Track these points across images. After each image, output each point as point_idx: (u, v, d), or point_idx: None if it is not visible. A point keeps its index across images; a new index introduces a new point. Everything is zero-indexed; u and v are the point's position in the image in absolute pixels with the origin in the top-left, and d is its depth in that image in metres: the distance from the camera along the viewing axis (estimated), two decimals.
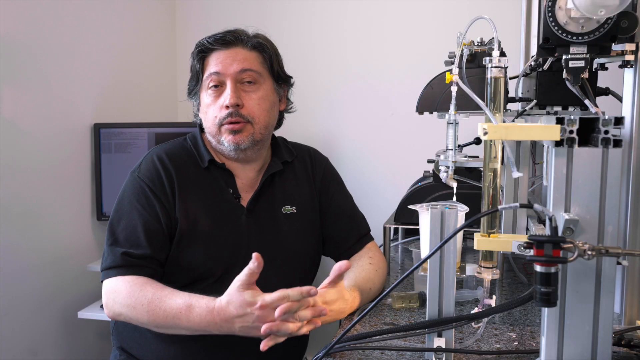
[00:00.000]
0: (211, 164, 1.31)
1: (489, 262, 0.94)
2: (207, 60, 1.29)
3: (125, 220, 1.24)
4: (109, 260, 1.22)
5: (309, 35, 2.40)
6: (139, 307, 1.14)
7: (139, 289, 1.16)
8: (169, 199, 1.25)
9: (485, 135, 0.79)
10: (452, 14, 2.23)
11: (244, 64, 1.27)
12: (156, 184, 1.26)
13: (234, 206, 1.30)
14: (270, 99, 1.32)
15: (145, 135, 2.11)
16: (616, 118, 0.76)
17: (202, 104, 1.31)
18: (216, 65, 1.27)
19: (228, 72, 1.26)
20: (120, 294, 1.17)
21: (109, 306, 1.20)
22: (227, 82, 1.27)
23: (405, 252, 1.72)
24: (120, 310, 1.17)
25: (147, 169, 1.28)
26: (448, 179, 1.05)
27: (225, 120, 1.26)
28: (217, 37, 1.29)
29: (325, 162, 1.47)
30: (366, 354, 1.00)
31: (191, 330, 1.11)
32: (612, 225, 0.78)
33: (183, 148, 1.34)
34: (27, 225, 1.82)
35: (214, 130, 1.28)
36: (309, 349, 1.43)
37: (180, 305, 1.10)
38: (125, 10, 2.27)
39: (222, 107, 1.26)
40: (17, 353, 1.78)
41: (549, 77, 1.19)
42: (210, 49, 1.29)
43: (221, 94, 1.27)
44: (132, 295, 1.15)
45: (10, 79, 1.74)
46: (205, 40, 1.29)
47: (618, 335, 0.95)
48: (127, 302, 1.15)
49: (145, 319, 1.14)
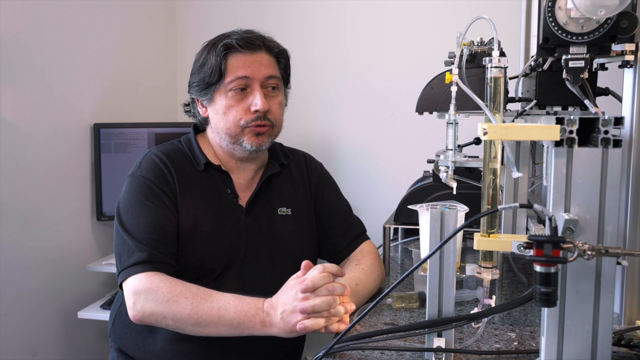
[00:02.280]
0: (207, 166, 1.32)
1: (489, 262, 0.94)
2: (232, 61, 1.28)
3: (140, 218, 1.22)
4: (133, 257, 1.18)
5: (309, 35, 2.40)
6: (182, 300, 1.12)
7: (181, 283, 1.15)
8: (173, 197, 1.25)
9: (485, 135, 0.79)
10: (452, 14, 2.23)
11: (270, 71, 1.29)
12: (161, 180, 1.26)
13: (233, 206, 1.31)
14: (284, 104, 1.37)
15: (145, 135, 2.11)
16: (616, 118, 0.76)
17: (218, 105, 1.29)
18: (244, 69, 1.27)
19: (257, 77, 1.27)
20: (159, 290, 1.14)
21: (137, 306, 1.15)
22: (254, 86, 1.27)
23: (405, 252, 1.72)
24: (154, 308, 1.13)
25: (149, 167, 1.28)
26: (448, 179, 1.05)
27: (252, 123, 1.27)
28: (245, 39, 1.28)
29: (320, 167, 1.50)
30: (366, 354, 1.00)
31: (230, 326, 1.11)
32: (611, 225, 0.78)
33: (179, 150, 1.34)
34: (27, 225, 1.82)
35: (234, 132, 1.28)
36: (309, 349, 1.43)
37: (228, 298, 1.13)
38: (125, 10, 2.27)
39: (249, 110, 1.27)
40: (17, 353, 1.78)
41: (548, 77, 1.19)
42: (236, 50, 1.28)
43: (245, 96, 1.28)
44: (174, 289, 1.13)
45: (10, 79, 1.74)
46: (233, 40, 1.28)
47: (618, 335, 0.95)
48: (167, 297, 1.13)
49: (187, 312, 1.11)
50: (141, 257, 1.17)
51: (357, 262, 1.35)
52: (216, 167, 1.32)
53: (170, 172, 1.27)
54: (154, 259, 1.18)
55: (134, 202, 1.24)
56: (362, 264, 1.34)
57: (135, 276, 1.17)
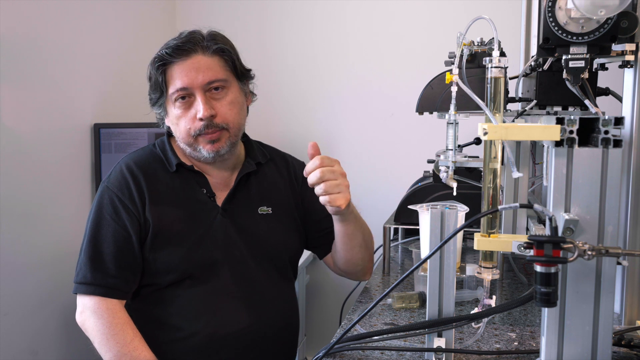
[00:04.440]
0: (180, 167, 1.30)
1: (489, 262, 0.94)
2: (170, 72, 1.25)
3: (98, 232, 1.25)
4: (83, 274, 1.24)
5: (309, 35, 2.40)
6: (112, 343, 1.18)
7: (121, 328, 1.19)
8: (138, 208, 1.25)
9: (485, 135, 0.79)
10: (452, 14, 2.23)
11: (209, 75, 1.24)
12: (125, 193, 1.26)
13: (208, 206, 1.30)
14: (239, 100, 1.31)
15: (145, 135, 2.11)
16: (616, 118, 0.76)
17: (171, 115, 1.29)
18: (181, 79, 1.23)
19: (195, 85, 1.23)
20: (101, 320, 1.20)
21: (81, 317, 1.24)
22: (196, 93, 1.24)
23: (405, 252, 1.72)
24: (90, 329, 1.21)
25: (115, 178, 1.28)
26: (448, 179, 1.05)
27: (200, 132, 1.25)
28: (175, 46, 1.24)
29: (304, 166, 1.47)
30: (366, 354, 1.00)
31: None
32: (612, 225, 0.78)
33: (152, 154, 1.33)
34: (27, 225, 1.82)
35: (189, 141, 1.27)
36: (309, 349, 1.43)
37: None
38: (125, 10, 2.27)
39: (195, 119, 1.24)
40: (17, 352, 1.78)
41: (549, 77, 1.19)
42: (170, 60, 1.24)
43: (191, 105, 1.25)
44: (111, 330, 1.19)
45: (10, 79, 1.74)
46: (163, 51, 1.24)
47: (618, 335, 0.96)
48: (102, 332, 1.19)
49: (107, 357, 1.18)
50: (90, 278, 1.23)
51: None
52: (189, 167, 1.31)
53: (137, 183, 1.27)
54: (102, 283, 1.22)
55: (98, 214, 1.27)
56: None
57: (80, 296, 1.24)
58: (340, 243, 1.33)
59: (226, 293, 1.24)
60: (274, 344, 1.29)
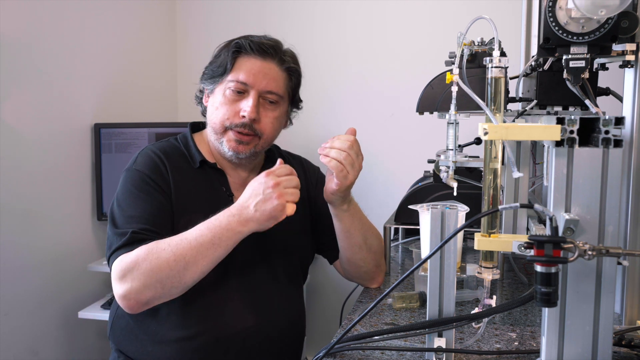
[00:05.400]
0: (203, 164, 1.32)
1: (490, 262, 0.94)
2: (240, 61, 1.27)
3: (131, 210, 1.22)
4: (116, 243, 1.17)
5: (309, 35, 2.40)
6: (162, 253, 1.12)
7: (154, 242, 1.14)
8: (168, 191, 1.25)
9: (485, 135, 0.79)
10: (452, 14, 2.23)
11: (272, 85, 1.28)
12: (157, 173, 1.25)
13: (228, 204, 1.30)
14: (282, 120, 1.35)
15: (145, 135, 2.11)
16: (616, 118, 0.76)
17: (216, 98, 1.30)
18: (247, 75, 1.26)
19: (255, 85, 1.26)
20: (138, 259, 1.13)
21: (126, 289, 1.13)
22: (251, 94, 1.26)
23: (405, 252, 1.72)
24: (143, 280, 1.12)
25: (145, 162, 1.27)
26: (448, 179, 1.05)
27: (235, 127, 1.26)
28: (259, 43, 1.27)
29: (317, 170, 1.51)
30: (366, 354, 1.00)
31: (214, 246, 1.13)
32: (612, 225, 0.78)
33: (175, 147, 1.34)
34: (28, 225, 1.82)
35: (218, 129, 1.28)
36: (309, 349, 1.43)
37: (199, 225, 1.15)
38: (126, 10, 2.27)
39: (237, 113, 1.26)
40: (17, 352, 1.78)
41: (549, 77, 1.19)
42: (247, 52, 1.27)
43: (240, 99, 1.27)
44: (150, 250, 1.13)
45: (10, 79, 1.74)
46: (247, 42, 1.27)
47: (618, 335, 0.95)
48: (149, 261, 1.12)
49: (172, 260, 1.11)
50: (125, 240, 1.17)
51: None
52: (212, 165, 1.32)
53: (165, 168, 1.27)
54: (137, 239, 1.17)
55: (127, 195, 1.24)
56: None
57: (117, 259, 1.16)
58: (339, 240, 1.34)
59: (234, 293, 1.24)
60: (279, 346, 1.29)
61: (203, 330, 1.21)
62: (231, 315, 1.23)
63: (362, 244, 1.32)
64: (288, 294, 1.34)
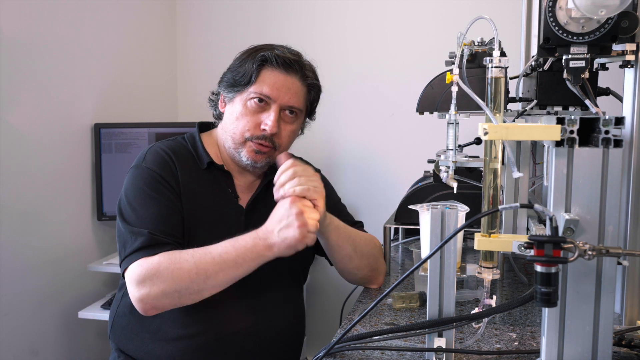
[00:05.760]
0: (210, 165, 1.32)
1: (490, 262, 0.94)
2: (264, 74, 1.28)
3: (144, 210, 1.21)
4: (136, 243, 1.17)
5: (309, 35, 2.40)
6: (184, 265, 1.13)
7: (177, 252, 1.15)
8: (178, 190, 1.25)
9: (485, 135, 0.79)
10: (452, 14, 2.23)
11: (294, 100, 1.30)
12: (167, 172, 1.25)
13: (233, 206, 1.31)
14: (297, 132, 1.38)
15: (145, 135, 2.11)
16: (616, 118, 0.76)
17: (235, 108, 1.30)
18: (271, 89, 1.27)
19: (278, 100, 1.27)
20: (160, 267, 1.13)
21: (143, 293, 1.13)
22: (273, 108, 1.27)
23: (405, 252, 1.72)
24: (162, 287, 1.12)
25: (154, 159, 1.27)
26: (448, 179, 1.05)
27: (255, 140, 1.27)
28: (284, 58, 1.28)
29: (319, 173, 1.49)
30: (366, 354, 1.00)
31: (236, 265, 1.13)
32: (612, 225, 0.78)
33: (182, 146, 1.34)
34: (28, 225, 1.82)
35: (238, 140, 1.29)
36: (309, 349, 1.43)
37: (224, 243, 1.15)
38: (126, 10, 2.27)
39: (258, 126, 1.27)
40: (17, 352, 1.78)
41: (549, 77, 1.19)
42: (272, 65, 1.28)
43: (262, 111, 1.28)
44: (174, 259, 1.13)
45: (10, 79, 1.74)
46: (272, 55, 1.27)
47: (618, 335, 0.95)
48: (170, 271, 1.12)
49: (194, 272, 1.12)
50: (142, 242, 1.16)
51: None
52: (219, 166, 1.32)
53: (175, 167, 1.27)
54: (156, 242, 1.17)
55: (138, 193, 1.23)
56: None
57: (136, 262, 1.15)
58: (330, 255, 1.34)
59: (235, 294, 1.24)
60: (279, 346, 1.29)
61: (204, 330, 1.22)
62: (232, 315, 1.23)
63: (352, 253, 1.32)
64: (288, 295, 1.34)
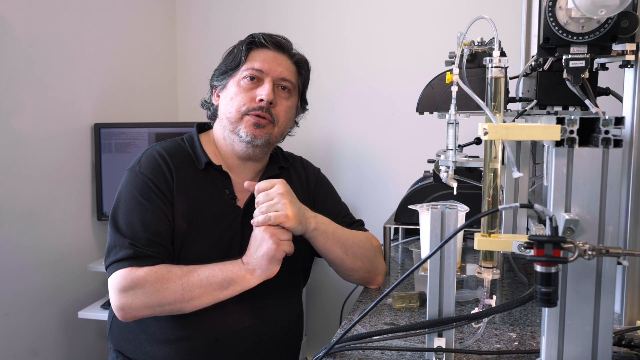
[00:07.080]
0: (208, 166, 1.32)
1: (490, 262, 0.94)
2: (253, 54, 1.32)
3: (133, 216, 1.22)
4: (121, 252, 1.19)
5: (309, 36, 2.40)
6: (170, 284, 1.15)
7: (165, 268, 1.17)
8: (170, 196, 1.25)
9: (485, 135, 0.79)
10: (452, 14, 2.23)
11: (286, 73, 1.33)
12: (159, 178, 1.26)
13: (230, 207, 1.31)
14: (293, 112, 1.39)
15: (145, 135, 2.11)
16: (616, 118, 0.76)
17: (229, 91, 1.32)
18: (261, 62, 1.31)
19: (270, 73, 1.30)
20: (146, 282, 1.15)
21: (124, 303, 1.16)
22: (266, 80, 1.30)
23: (405, 252, 1.72)
24: (145, 301, 1.15)
25: (148, 164, 1.28)
26: (448, 179, 1.05)
27: (253, 112, 1.28)
28: (270, 37, 1.34)
29: (318, 171, 1.52)
30: (366, 354, 1.00)
31: (221, 287, 1.17)
32: (612, 225, 0.78)
33: (180, 148, 1.34)
34: (28, 225, 1.82)
35: (235, 117, 1.29)
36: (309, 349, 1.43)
37: (211, 266, 1.19)
38: (126, 10, 2.27)
39: (255, 99, 1.29)
40: (17, 352, 1.78)
41: (549, 77, 1.19)
42: (260, 45, 1.33)
43: (255, 87, 1.30)
44: (160, 276, 1.15)
45: (10, 79, 1.74)
46: (260, 36, 1.33)
47: (618, 335, 0.96)
48: (156, 287, 1.14)
49: (179, 292, 1.15)
50: (128, 253, 1.18)
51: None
52: (217, 167, 1.32)
53: (169, 170, 1.27)
54: (141, 255, 1.18)
55: (129, 198, 1.24)
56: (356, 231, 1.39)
57: (119, 272, 1.17)
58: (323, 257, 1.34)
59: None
60: (277, 346, 1.29)
61: (202, 331, 1.22)
62: (230, 316, 1.23)
63: (343, 256, 1.31)
64: (287, 295, 1.34)
